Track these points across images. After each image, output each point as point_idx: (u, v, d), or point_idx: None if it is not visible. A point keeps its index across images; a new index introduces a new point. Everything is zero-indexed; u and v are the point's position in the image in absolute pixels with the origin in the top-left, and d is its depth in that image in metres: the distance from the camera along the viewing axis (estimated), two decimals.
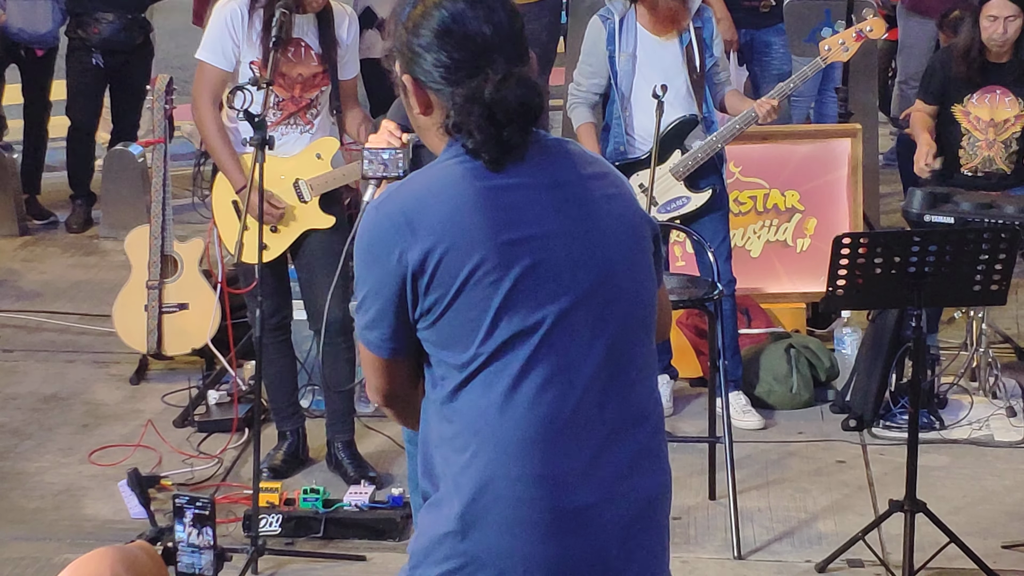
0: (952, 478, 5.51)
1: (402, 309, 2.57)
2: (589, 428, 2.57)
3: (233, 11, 5.26)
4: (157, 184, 6.40)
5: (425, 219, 2.54)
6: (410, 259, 2.54)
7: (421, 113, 2.66)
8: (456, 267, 2.52)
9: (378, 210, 2.59)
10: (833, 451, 5.77)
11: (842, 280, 4.71)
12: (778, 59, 8.02)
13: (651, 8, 5.84)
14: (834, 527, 5.13)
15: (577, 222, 2.60)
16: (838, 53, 6.02)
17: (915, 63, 8.70)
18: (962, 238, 4.73)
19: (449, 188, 2.57)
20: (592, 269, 2.59)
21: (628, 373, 2.63)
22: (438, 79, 2.59)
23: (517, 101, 2.54)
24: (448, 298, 2.53)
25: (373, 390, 2.71)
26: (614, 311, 2.61)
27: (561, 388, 2.55)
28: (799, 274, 6.89)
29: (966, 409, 5.99)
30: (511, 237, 2.55)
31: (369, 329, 2.63)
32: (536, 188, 2.59)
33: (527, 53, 2.64)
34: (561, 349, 2.56)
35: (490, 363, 2.53)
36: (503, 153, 2.57)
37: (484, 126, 2.54)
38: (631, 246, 2.65)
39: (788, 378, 6.15)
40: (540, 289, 2.55)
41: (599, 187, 2.65)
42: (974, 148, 6.54)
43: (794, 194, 6.98)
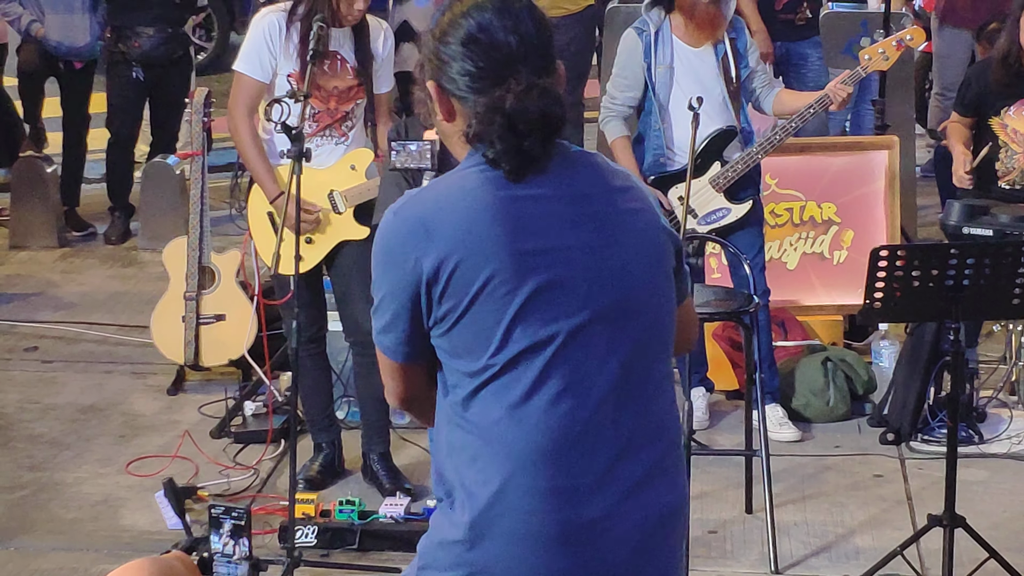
0: (991, 493, 5.48)
1: (417, 315, 2.57)
2: (602, 442, 2.56)
3: (271, 23, 5.29)
4: (195, 196, 6.43)
5: (442, 226, 2.54)
6: (425, 266, 2.53)
7: (444, 120, 2.66)
8: (470, 277, 2.52)
9: (396, 215, 2.59)
10: (870, 465, 5.74)
11: (880, 293, 4.69)
12: (814, 71, 8.00)
13: (689, 16, 5.83)
14: (872, 542, 5.10)
15: (597, 236, 2.59)
16: (878, 62, 5.99)
17: (951, 74, 8.66)
18: (1000, 251, 4.70)
19: (468, 197, 2.56)
20: (610, 284, 2.58)
21: (644, 389, 2.62)
22: (463, 87, 2.59)
23: (538, 112, 2.53)
24: (462, 307, 2.53)
25: (390, 393, 2.72)
26: (632, 328, 2.59)
27: (574, 401, 2.54)
28: (836, 286, 6.87)
29: (1005, 423, 5.95)
30: (528, 249, 2.54)
31: (384, 333, 2.63)
32: (556, 200, 2.58)
33: (553, 64, 2.63)
34: (575, 363, 2.55)
35: (502, 374, 2.53)
36: (523, 164, 2.56)
37: (505, 136, 2.53)
38: (652, 262, 2.64)
39: (825, 391, 6.12)
40: (556, 303, 2.54)
41: (622, 201, 2.64)
42: (1011, 160, 6.50)
43: (831, 206, 6.96)
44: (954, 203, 6.09)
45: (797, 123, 5.86)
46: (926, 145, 9.46)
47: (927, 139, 9.61)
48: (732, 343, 6.29)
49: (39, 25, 8.51)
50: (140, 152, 9.08)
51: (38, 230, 8.54)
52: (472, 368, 2.54)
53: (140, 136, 8.94)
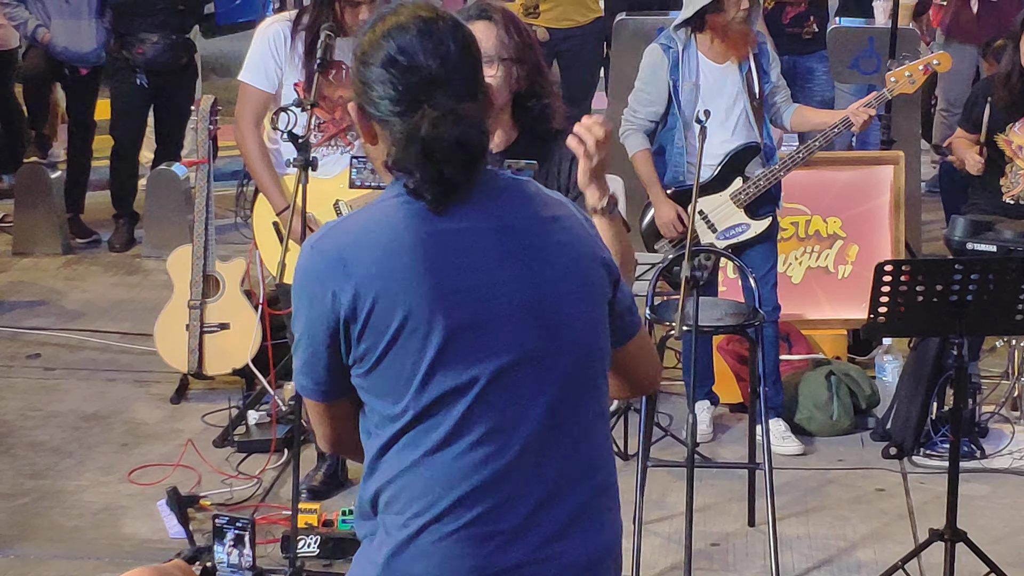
0: (993, 507, 5.48)
1: (336, 352, 2.47)
2: (525, 488, 2.46)
3: (276, 33, 5.30)
4: (200, 204, 6.43)
5: (360, 261, 2.43)
6: (343, 301, 2.43)
7: (368, 143, 2.57)
8: (388, 316, 2.42)
9: (314, 248, 2.49)
10: (873, 479, 5.74)
11: (884, 307, 4.69)
12: (820, 85, 8.01)
13: (722, 35, 5.84)
14: (874, 556, 5.10)
15: (523, 271, 2.48)
16: (904, 85, 6.01)
17: (956, 90, 8.67)
18: (1004, 267, 4.70)
19: (388, 230, 2.45)
20: (536, 323, 2.47)
21: (572, 432, 2.51)
22: (384, 112, 2.50)
23: (454, 139, 2.42)
24: (381, 347, 2.43)
25: (319, 438, 2.63)
26: (559, 367, 2.49)
27: (496, 447, 2.45)
28: (840, 301, 6.87)
29: (1007, 438, 5.95)
30: (449, 287, 2.43)
31: (303, 373, 2.53)
32: (481, 233, 2.47)
33: (480, 88, 2.52)
34: (498, 407, 2.45)
35: (423, 418, 2.44)
36: (444, 194, 2.45)
37: (423, 164, 2.43)
38: (583, 296, 2.52)
39: (828, 405, 6.12)
40: (478, 344, 2.44)
41: (552, 232, 2.52)
42: (1016, 177, 6.51)
43: (836, 221, 6.96)
44: (958, 219, 6.10)
45: (821, 142, 5.89)
46: (931, 161, 9.47)
47: (932, 155, 9.62)
48: (738, 357, 6.29)
49: (45, 30, 8.52)
50: (145, 159, 9.09)
51: (42, 237, 8.55)
52: (392, 412, 2.45)
53: (145, 143, 8.95)
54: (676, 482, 5.41)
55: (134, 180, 8.87)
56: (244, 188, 8.09)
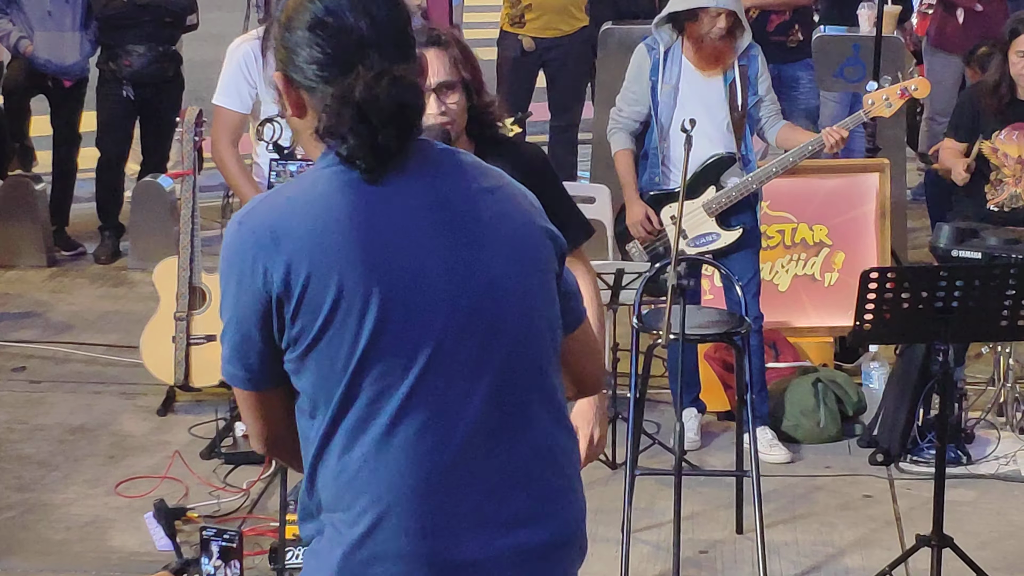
0: (979, 513, 5.49)
1: (268, 335, 2.34)
2: (474, 477, 2.35)
3: (246, 53, 5.33)
4: (186, 215, 6.42)
5: (292, 235, 2.31)
6: (275, 278, 2.31)
7: (294, 115, 2.43)
8: (322, 292, 2.30)
9: (242, 224, 2.36)
10: (860, 485, 5.75)
11: (869, 315, 4.71)
12: (805, 94, 8.03)
13: (697, 46, 5.86)
14: (861, 561, 5.11)
15: (460, 245, 2.36)
16: (881, 108, 6.05)
17: (942, 99, 8.70)
18: (989, 273, 4.73)
19: (320, 201, 2.33)
20: (475, 301, 2.35)
21: (521, 413, 2.39)
22: (311, 77, 2.38)
23: (392, 102, 2.31)
24: (316, 328, 2.31)
25: (252, 436, 2.48)
26: (499, 347, 2.37)
27: (439, 435, 2.33)
28: (827, 308, 6.88)
29: (993, 444, 5.96)
30: (385, 262, 2.31)
31: (233, 361, 2.39)
32: (417, 206, 2.36)
33: (411, 51, 2.41)
34: (437, 392, 2.33)
35: (363, 405, 2.32)
36: (379, 161, 2.33)
37: (357, 129, 2.30)
38: (525, 270, 2.40)
39: (815, 412, 6.13)
40: (415, 323, 2.32)
41: (491, 203, 2.41)
42: (1002, 184, 6.53)
43: (822, 228, 6.97)
44: (943, 226, 6.12)
45: (794, 159, 5.90)
46: (917, 168, 9.49)
47: (918, 163, 9.64)
48: (724, 364, 6.30)
49: (28, 42, 8.49)
50: (131, 171, 9.08)
51: (27, 249, 8.53)
52: (330, 399, 2.33)
53: (131, 155, 8.93)
54: (664, 490, 5.41)
55: (120, 192, 8.86)
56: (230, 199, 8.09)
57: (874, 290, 4.67)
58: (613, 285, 5.75)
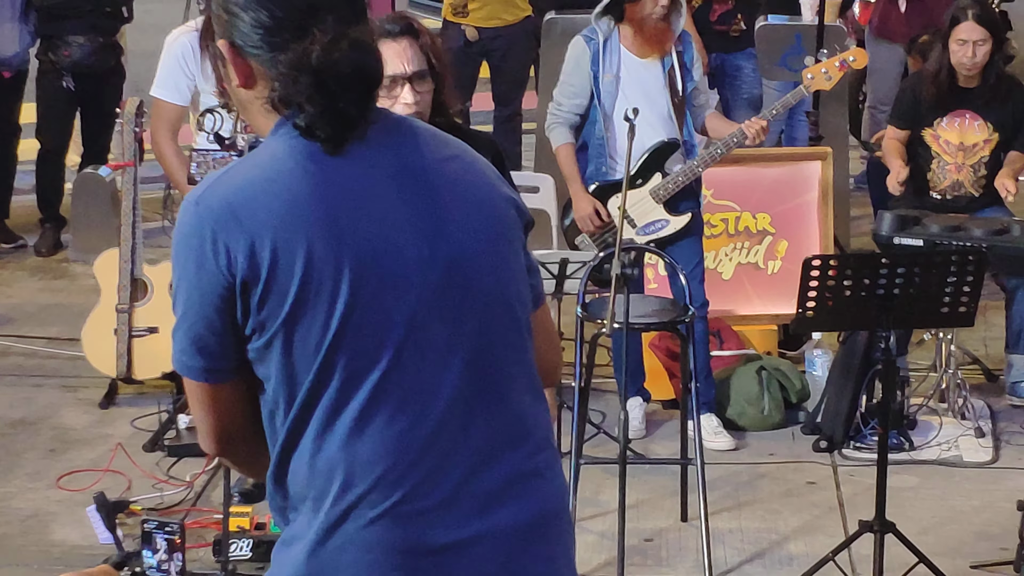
0: (921, 499, 5.52)
1: (230, 322, 2.22)
2: (451, 456, 2.26)
3: (184, 45, 5.33)
4: (127, 207, 6.37)
5: (254, 212, 2.19)
6: (239, 261, 2.19)
7: (241, 86, 2.29)
8: (289, 273, 2.19)
9: (199, 204, 2.22)
10: (804, 472, 5.78)
11: (812, 302, 4.73)
12: (748, 83, 8.06)
13: (638, 29, 5.87)
14: (804, 548, 5.13)
15: (428, 215, 2.27)
16: (821, 81, 6.09)
17: (884, 88, 8.74)
18: (930, 260, 4.76)
19: (282, 176, 2.21)
20: (446, 272, 2.26)
21: (498, 387, 2.30)
22: (258, 43, 2.24)
23: (351, 66, 2.20)
24: (284, 311, 2.19)
25: (204, 435, 2.32)
26: (473, 319, 2.28)
27: (415, 414, 2.24)
28: (770, 296, 6.91)
29: (935, 430, 6.00)
30: (353, 237, 2.21)
31: (189, 351, 2.25)
32: (382, 176, 2.26)
33: (364, 13, 2.29)
34: (412, 368, 2.24)
35: (334, 390, 2.22)
36: (341, 130, 2.22)
37: (315, 97, 2.19)
38: (493, 239, 2.32)
39: (759, 400, 6.15)
40: (387, 301, 2.22)
41: (455, 171, 2.33)
42: (943, 171, 6.58)
43: (765, 217, 7.00)
44: (885, 213, 6.15)
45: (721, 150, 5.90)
46: (859, 156, 9.54)
47: (860, 151, 9.69)
48: (669, 353, 6.31)
49: None
50: (71, 163, 8.99)
51: None
52: (299, 383, 2.23)
53: (71, 146, 8.85)
54: (609, 479, 5.42)
55: (60, 184, 8.78)
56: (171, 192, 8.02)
57: (816, 277, 4.69)
58: (557, 275, 5.74)
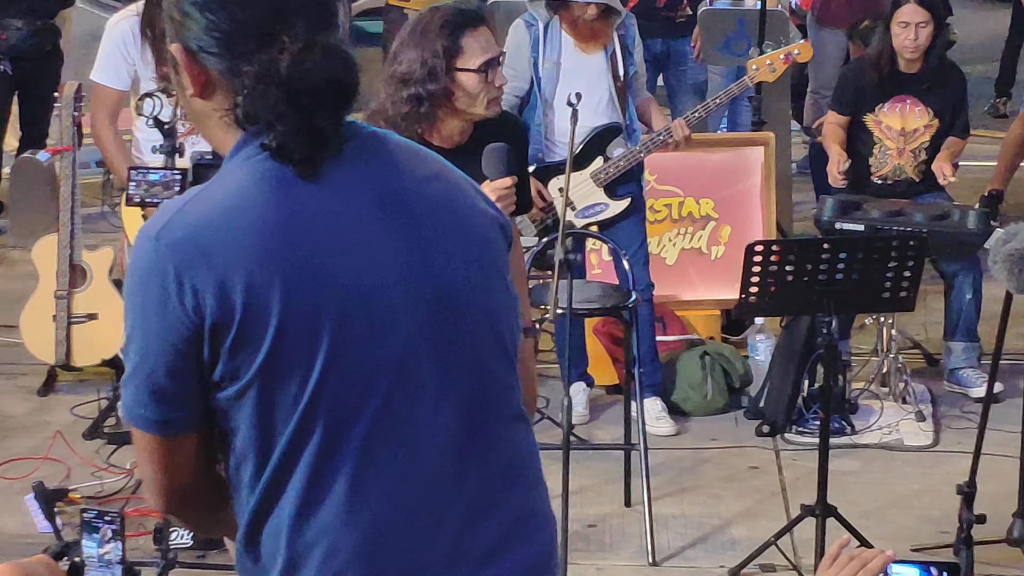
0: (863, 483, 5.55)
1: (194, 369, 1.99)
2: (448, 506, 2.08)
3: (124, 31, 5.33)
4: (66, 192, 6.31)
5: (224, 250, 1.96)
6: (208, 303, 1.96)
7: (197, 95, 2.05)
8: (265, 316, 1.96)
9: (158, 238, 1.98)
10: (747, 457, 5.79)
11: (755, 287, 4.74)
12: (693, 69, 8.05)
13: (571, 26, 5.86)
14: (747, 532, 5.15)
15: (414, 246, 2.05)
16: (765, 73, 6.12)
17: (826, 73, 8.77)
18: (871, 246, 4.79)
19: (252, 206, 1.98)
20: (435, 308, 2.06)
21: (491, 428, 2.12)
22: (216, 49, 2.01)
23: (325, 77, 1.97)
24: (260, 358, 1.97)
25: (154, 493, 2.09)
26: (464, 358, 2.09)
27: (407, 469, 2.05)
28: (714, 281, 6.92)
29: (876, 414, 6.03)
30: (334, 274, 1.99)
31: (143, 403, 2.01)
32: (360, 201, 2.03)
33: (336, 18, 2.08)
34: (402, 417, 2.04)
35: (317, 443, 2.00)
36: (317, 152, 2.00)
37: (286, 114, 1.96)
38: (482, 267, 2.12)
39: (703, 385, 6.16)
40: (373, 343, 2.01)
41: (437, 193, 2.11)
42: (885, 157, 6.60)
43: (708, 202, 7.01)
44: (827, 199, 6.17)
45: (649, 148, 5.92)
46: (802, 142, 9.57)
47: (803, 136, 9.73)
48: (612, 338, 6.31)
49: None
50: (9, 147, 8.89)
51: None
52: (274, 439, 2.01)
53: (9, 131, 8.75)
54: (553, 464, 5.36)
55: None
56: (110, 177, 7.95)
57: (759, 263, 4.71)
58: None
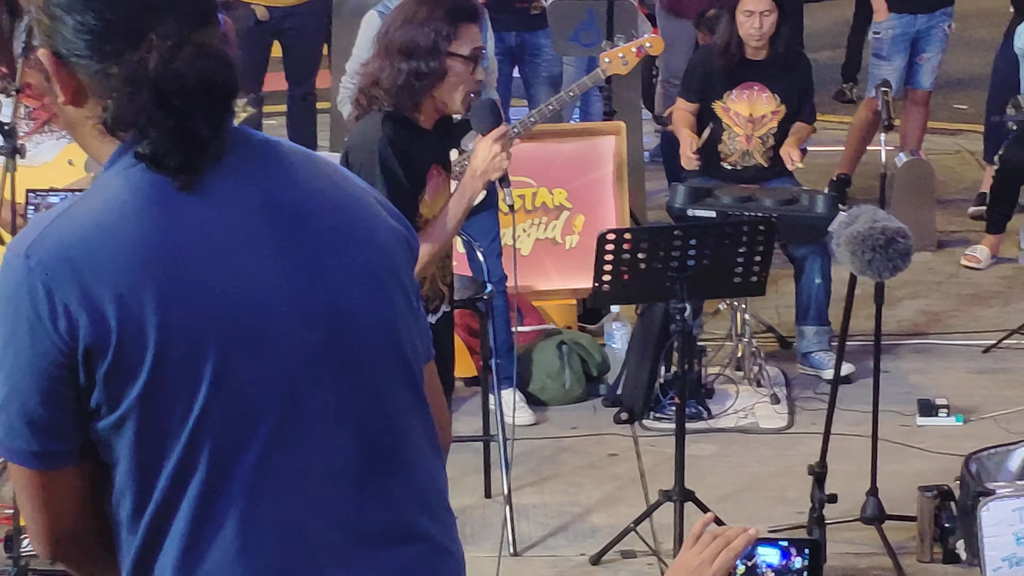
0: (720, 466, 5.62)
1: (71, 395, 1.86)
2: (347, 540, 1.97)
3: None
4: None
5: (98, 268, 1.84)
6: (82, 322, 1.83)
7: (68, 103, 1.94)
8: (143, 340, 1.84)
9: (29, 257, 1.85)
10: (606, 444, 5.84)
11: (608, 275, 4.78)
12: (548, 61, 8.07)
13: None
14: (607, 519, 5.18)
15: (303, 260, 1.94)
16: (617, 66, 6.15)
17: (676, 62, 8.85)
18: (722, 231, 4.85)
19: (127, 221, 1.87)
20: (327, 325, 1.94)
21: (394, 457, 2.01)
22: (86, 51, 1.90)
23: (197, 77, 1.87)
24: (138, 386, 1.86)
25: (38, 536, 1.95)
26: (364, 378, 1.97)
27: (304, 497, 1.93)
28: (569, 271, 6.95)
29: (732, 398, 6.11)
30: (218, 296, 1.88)
31: (15, 432, 1.87)
32: (244, 214, 1.92)
33: (214, 15, 1.96)
34: (296, 447, 1.92)
35: (203, 477, 1.89)
36: (192, 156, 1.89)
37: (157, 116, 1.86)
38: (382, 284, 2.01)
39: (560, 374, 6.19)
40: (262, 369, 1.90)
41: (332, 204, 2.00)
42: (733, 143, 6.69)
43: (562, 192, 7.04)
44: (679, 186, 6.24)
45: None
46: (653, 130, 9.66)
47: (654, 124, 9.82)
48: (469, 330, 6.31)
49: None
50: None
51: None
52: (156, 471, 1.88)
53: None
54: None
55: None
56: None
57: (611, 251, 4.74)
58: None
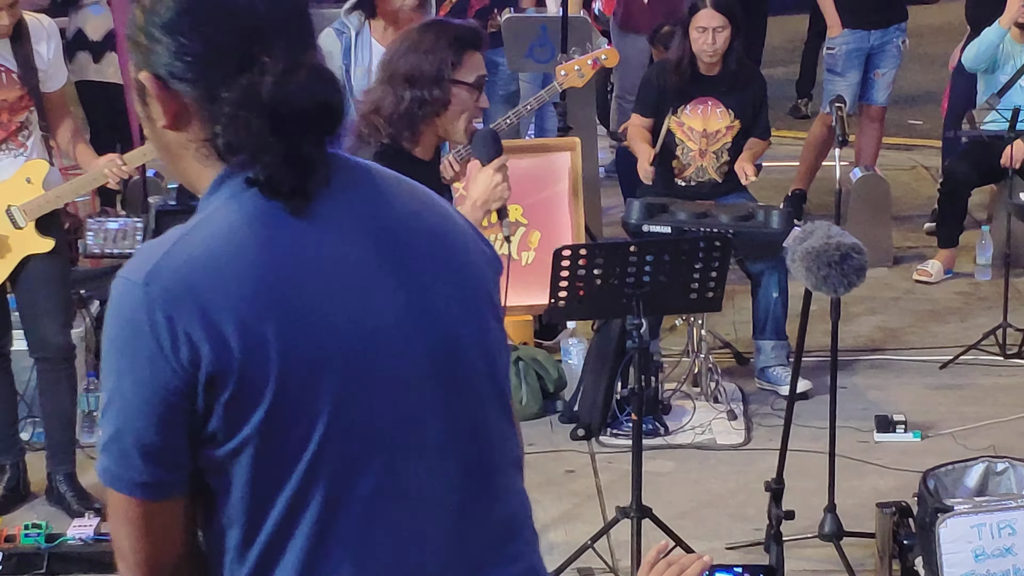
0: (677, 483, 5.63)
1: (182, 425, 1.83)
2: (449, 569, 1.95)
3: None
4: None
5: (220, 296, 1.80)
6: (204, 351, 1.79)
7: (169, 127, 1.90)
8: (265, 367, 1.81)
9: (148, 285, 1.81)
10: (563, 461, 5.84)
11: (564, 292, 4.79)
12: (504, 79, 8.10)
13: (391, 21, 5.87)
14: (564, 536, 5.18)
15: (412, 286, 1.91)
16: (574, 79, 6.18)
17: (631, 78, 8.89)
18: (678, 247, 4.86)
19: (244, 248, 1.83)
20: (435, 352, 1.92)
21: (492, 481, 1.99)
22: (188, 75, 1.86)
23: (313, 100, 1.83)
24: (260, 415, 1.82)
25: (132, 567, 1.88)
26: (466, 405, 1.96)
27: (412, 525, 1.91)
28: (525, 287, 6.93)
29: (689, 414, 6.13)
30: (335, 322, 1.85)
31: (130, 462, 1.83)
32: (354, 239, 1.88)
33: (314, 39, 1.94)
34: (409, 472, 1.90)
35: (317, 509, 1.85)
36: (304, 180, 1.84)
37: (270, 142, 1.82)
38: (479, 308, 1.99)
39: (517, 391, 6.19)
40: (377, 397, 1.87)
41: (429, 227, 1.97)
42: (688, 158, 6.72)
43: (517, 208, 7.05)
44: (634, 202, 6.26)
45: None
46: (609, 146, 9.70)
47: (609, 140, 9.85)
48: None
49: None
50: None
51: None
52: (270, 502, 1.85)
53: None
54: None
55: None
56: None
57: (567, 267, 4.75)
58: None
